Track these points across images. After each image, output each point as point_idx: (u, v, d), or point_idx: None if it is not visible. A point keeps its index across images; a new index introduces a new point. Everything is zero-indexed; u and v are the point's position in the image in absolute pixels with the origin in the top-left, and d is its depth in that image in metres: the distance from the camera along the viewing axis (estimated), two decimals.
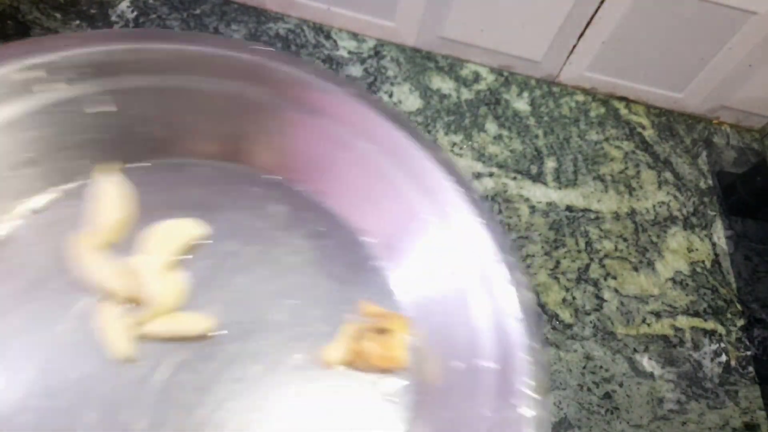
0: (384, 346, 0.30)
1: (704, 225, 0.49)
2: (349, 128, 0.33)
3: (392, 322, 0.31)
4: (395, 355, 0.30)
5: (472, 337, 0.30)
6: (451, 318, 0.31)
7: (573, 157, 0.50)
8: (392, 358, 0.30)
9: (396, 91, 0.49)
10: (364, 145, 0.33)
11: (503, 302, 0.30)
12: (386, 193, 0.33)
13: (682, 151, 0.54)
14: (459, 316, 0.31)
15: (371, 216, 0.34)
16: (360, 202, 0.34)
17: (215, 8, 0.50)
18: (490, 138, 0.49)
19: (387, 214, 0.34)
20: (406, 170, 0.33)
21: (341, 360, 0.31)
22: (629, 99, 0.55)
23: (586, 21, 0.49)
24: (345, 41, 0.51)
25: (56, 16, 0.46)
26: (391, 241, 0.34)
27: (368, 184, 0.34)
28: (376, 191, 0.33)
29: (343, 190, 0.34)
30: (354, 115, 0.33)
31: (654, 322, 0.43)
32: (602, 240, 0.46)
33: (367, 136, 0.33)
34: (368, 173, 0.33)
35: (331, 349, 0.31)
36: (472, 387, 0.29)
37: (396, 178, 0.33)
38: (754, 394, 0.42)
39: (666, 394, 0.40)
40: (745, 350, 0.44)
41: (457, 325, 0.31)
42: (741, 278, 0.47)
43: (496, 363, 0.29)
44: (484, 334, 0.30)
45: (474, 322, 0.30)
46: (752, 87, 0.53)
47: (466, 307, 0.31)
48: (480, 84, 0.52)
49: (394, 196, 0.33)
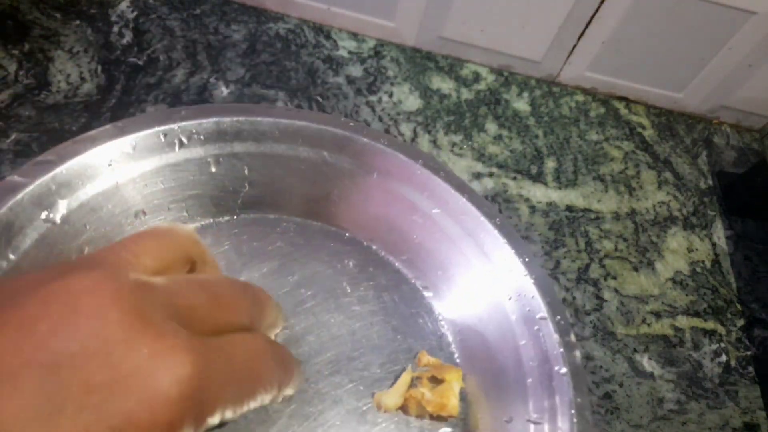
0: (437, 394, 0.33)
1: (704, 225, 0.49)
2: (418, 193, 0.37)
3: (447, 372, 0.33)
4: (448, 403, 0.32)
5: (520, 390, 0.33)
6: (502, 372, 0.34)
7: (573, 157, 0.50)
8: (445, 406, 0.32)
9: (396, 91, 0.49)
10: (431, 208, 0.37)
11: (552, 357, 0.33)
12: (449, 253, 0.37)
13: (682, 151, 0.54)
14: (509, 370, 0.34)
15: (433, 273, 0.38)
16: (424, 260, 0.38)
17: (215, 8, 0.50)
18: (490, 138, 0.49)
19: (449, 273, 0.37)
20: (466, 232, 0.37)
21: (397, 404, 0.33)
22: (629, 99, 0.56)
23: (586, 21, 0.49)
24: (345, 41, 0.51)
25: (56, 16, 0.46)
26: (451, 298, 0.37)
27: (432, 244, 0.37)
28: (441, 251, 0.37)
29: (409, 248, 0.38)
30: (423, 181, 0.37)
31: (654, 322, 0.43)
32: (602, 240, 0.46)
33: (434, 200, 0.37)
34: (432, 234, 0.37)
35: (388, 394, 0.33)
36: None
37: (459, 241, 0.37)
38: (754, 394, 0.42)
39: (666, 394, 0.40)
40: (745, 350, 0.44)
41: (507, 379, 0.34)
42: (741, 278, 0.47)
43: (543, 418, 0.31)
44: (531, 388, 0.32)
45: (523, 376, 0.33)
46: (752, 87, 0.53)
47: (516, 362, 0.33)
48: (480, 84, 0.52)
49: (456, 256, 0.37)
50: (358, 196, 0.38)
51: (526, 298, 0.34)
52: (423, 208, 0.37)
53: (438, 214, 0.37)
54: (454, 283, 0.37)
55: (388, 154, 0.37)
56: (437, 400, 0.32)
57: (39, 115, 0.40)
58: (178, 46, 0.47)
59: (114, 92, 0.43)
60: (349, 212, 0.38)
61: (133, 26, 0.47)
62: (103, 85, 0.43)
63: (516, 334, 0.34)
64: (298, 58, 0.49)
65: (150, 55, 0.46)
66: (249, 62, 0.47)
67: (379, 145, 0.37)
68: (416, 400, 0.33)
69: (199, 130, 0.34)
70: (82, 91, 0.42)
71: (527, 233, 0.45)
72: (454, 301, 0.37)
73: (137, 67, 0.45)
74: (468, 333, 0.36)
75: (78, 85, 0.43)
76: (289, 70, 0.48)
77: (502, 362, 0.34)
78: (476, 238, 0.36)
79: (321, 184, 0.38)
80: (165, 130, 0.33)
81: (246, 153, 0.36)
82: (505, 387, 0.33)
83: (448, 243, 0.37)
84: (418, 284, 0.38)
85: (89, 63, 0.44)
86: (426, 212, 0.37)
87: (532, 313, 0.34)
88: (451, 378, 0.33)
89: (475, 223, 0.36)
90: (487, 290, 0.36)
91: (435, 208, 0.37)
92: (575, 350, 0.33)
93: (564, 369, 0.32)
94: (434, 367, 0.34)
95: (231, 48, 0.48)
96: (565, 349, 0.33)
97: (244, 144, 0.36)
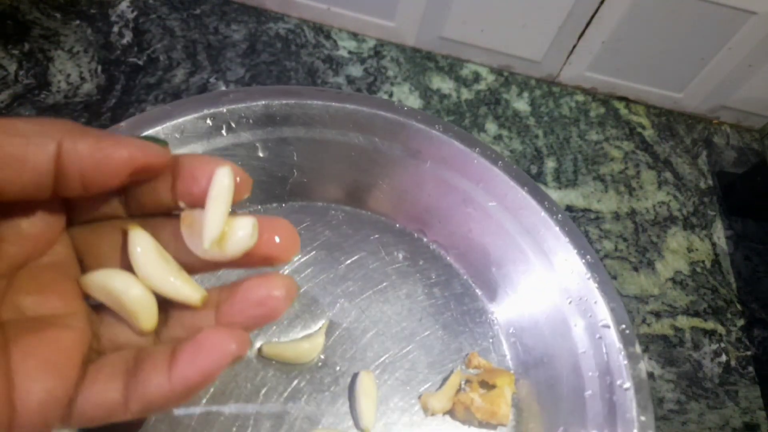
0: (488, 400, 0.31)
1: (704, 225, 0.49)
2: (473, 184, 0.35)
3: (499, 377, 0.32)
4: (498, 410, 0.31)
5: (577, 402, 0.30)
6: (557, 380, 0.32)
7: (573, 157, 0.50)
8: (494, 413, 0.31)
9: (396, 91, 0.49)
10: (487, 201, 0.35)
11: (614, 369, 0.30)
12: (505, 249, 0.35)
13: (682, 151, 0.54)
14: (566, 379, 0.31)
15: (487, 270, 0.35)
16: (478, 256, 0.35)
17: (215, 8, 0.50)
18: (490, 138, 0.49)
19: (504, 271, 0.35)
20: (525, 228, 0.34)
21: (444, 408, 0.31)
22: (629, 99, 0.55)
23: (586, 21, 0.49)
24: (345, 41, 0.51)
25: (56, 16, 0.46)
26: (506, 298, 0.35)
27: (488, 239, 0.35)
28: (496, 247, 0.35)
29: (462, 242, 0.36)
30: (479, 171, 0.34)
31: (654, 322, 0.43)
32: (602, 240, 0.46)
33: (491, 192, 0.35)
34: (488, 228, 0.35)
35: (436, 396, 0.31)
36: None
37: (516, 237, 0.34)
38: (754, 394, 0.42)
39: (666, 394, 0.40)
40: (745, 350, 0.43)
41: (563, 388, 0.31)
42: (741, 278, 0.47)
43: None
44: (590, 400, 0.30)
45: (581, 387, 0.30)
46: (752, 87, 0.53)
47: (574, 371, 0.31)
48: (480, 84, 0.52)
49: (513, 253, 0.34)
50: (410, 185, 0.36)
51: (587, 303, 0.32)
52: (478, 200, 0.35)
53: (494, 207, 0.34)
54: (510, 281, 0.35)
55: (443, 141, 0.34)
56: (487, 407, 0.31)
57: (39, 115, 0.40)
58: (178, 46, 0.47)
59: (114, 92, 0.43)
60: (400, 202, 0.36)
61: (133, 26, 0.47)
62: (103, 85, 0.43)
63: (575, 341, 0.32)
64: (298, 58, 0.49)
65: (150, 55, 0.46)
66: (249, 62, 0.47)
67: (433, 132, 0.34)
68: (465, 405, 0.31)
69: (247, 114, 0.33)
70: (82, 91, 0.42)
71: None
72: (508, 301, 0.35)
73: (137, 67, 0.45)
74: (523, 336, 0.34)
75: (78, 85, 0.43)
76: (289, 70, 0.48)
77: (559, 370, 0.32)
78: (535, 235, 0.34)
79: (371, 171, 0.36)
80: (213, 113, 0.32)
81: (295, 138, 0.34)
82: (560, 397, 0.31)
83: (504, 238, 0.34)
84: (470, 281, 0.36)
85: (89, 63, 0.44)
86: (482, 205, 0.35)
87: (594, 319, 0.32)
88: (503, 383, 0.31)
89: (535, 218, 0.34)
90: (546, 292, 0.33)
91: (491, 200, 0.35)
92: (640, 362, 0.30)
93: (627, 383, 0.29)
94: (485, 370, 0.33)
95: (231, 48, 0.48)
96: (629, 362, 0.30)
97: (293, 128, 0.34)
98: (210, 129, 0.32)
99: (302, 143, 0.34)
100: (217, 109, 0.32)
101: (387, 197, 0.37)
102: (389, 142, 0.35)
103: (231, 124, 0.33)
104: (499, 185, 0.34)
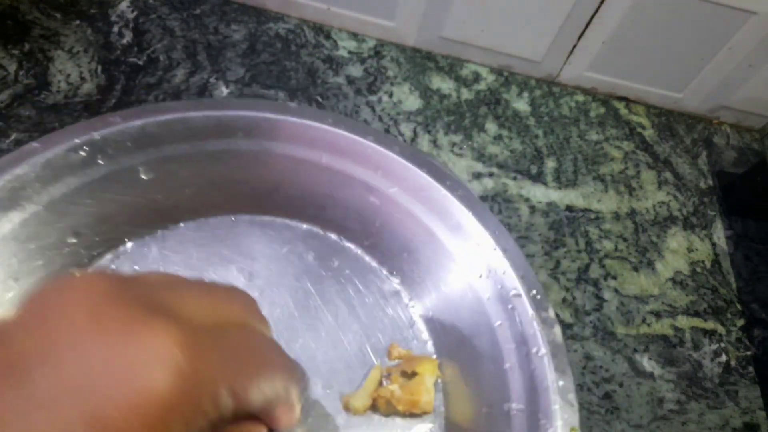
0: (407, 390, 0.30)
1: (704, 225, 0.49)
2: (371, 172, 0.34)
3: (419, 364, 0.31)
4: (419, 398, 0.30)
5: (499, 377, 0.30)
6: (478, 358, 0.31)
7: (573, 157, 0.50)
8: (416, 402, 0.30)
9: (396, 91, 0.49)
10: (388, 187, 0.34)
11: (528, 337, 0.30)
12: (413, 233, 0.34)
13: (682, 151, 0.54)
14: (486, 355, 0.31)
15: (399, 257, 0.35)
16: (388, 244, 0.35)
17: (215, 8, 0.50)
18: (490, 138, 0.49)
19: (415, 255, 0.34)
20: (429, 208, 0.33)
21: (366, 406, 0.30)
22: (629, 99, 0.55)
23: (586, 21, 0.49)
24: (345, 41, 0.51)
25: (56, 16, 0.46)
26: (420, 281, 0.34)
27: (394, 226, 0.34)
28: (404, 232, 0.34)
29: (371, 233, 0.35)
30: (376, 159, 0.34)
31: (654, 322, 0.43)
32: (602, 240, 0.46)
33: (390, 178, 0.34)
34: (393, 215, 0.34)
35: (356, 395, 0.31)
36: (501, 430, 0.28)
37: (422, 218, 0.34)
38: (754, 394, 0.42)
39: (666, 394, 0.40)
40: (745, 350, 0.43)
41: (485, 365, 0.31)
42: (741, 278, 0.47)
43: (524, 404, 0.28)
44: (510, 373, 0.29)
45: (500, 361, 0.30)
46: (752, 87, 0.53)
47: (493, 345, 0.30)
48: (480, 84, 0.52)
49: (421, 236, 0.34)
50: (309, 183, 0.35)
51: (497, 274, 0.31)
52: (380, 187, 0.34)
53: (396, 192, 0.34)
54: (422, 265, 0.34)
55: (336, 134, 0.33)
56: (407, 398, 0.30)
57: (39, 115, 0.40)
58: (178, 46, 0.47)
59: (114, 92, 0.43)
60: (302, 202, 0.35)
61: (133, 26, 0.47)
62: (103, 85, 0.43)
63: (490, 314, 0.31)
64: (298, 58, 0.49)
65: (150, 55, 0.46)
66: (249, 62, 0.47)
67: (325, 126, 0.33)
68: (385, 399, 0.30)
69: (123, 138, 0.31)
70: (82, 91, 0.42)
71: (527, 233, 0.45)
72: (423, 286, 0.34)
73: (137, 67, 0.45)
74: (441, 318, 0.33)
75: (78, 85, 0.43)
76: (289, 70, 0.48)
77: (479, 348, 0.31)
78: (441, 214, 0.33)
79: (266, 176, 0.34)
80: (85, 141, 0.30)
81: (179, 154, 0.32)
82: (483, 374, 0.30)
83: (411, 222, 0.34)
84: (384, 271, 0.35)
85: (89, 63, 0.44)
86: (384, 192, 0.34)
87: (505, 290, 0.31)
88: (424, 371, 0.31)
89: (438, 197, 0.33)
90: (457, 270, 0.33)
91: (392, 186, 0.34)
92: (554, 327, 0.29)
93: (542, 350, 0.29)
94: (406, 360, 0.32)
95: (231, 48, 0.48)
96: (542, 327, 0.29)
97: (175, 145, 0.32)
98: (85, 159, 0.30)
99: (187, 159, 0.33)
100: (88, 137, 0.30)
101: (288, 199, 0.35)
102: (280, 143, 0.34)
103: (107, 151, 0.31)
104: (397, 169, 0.33)
